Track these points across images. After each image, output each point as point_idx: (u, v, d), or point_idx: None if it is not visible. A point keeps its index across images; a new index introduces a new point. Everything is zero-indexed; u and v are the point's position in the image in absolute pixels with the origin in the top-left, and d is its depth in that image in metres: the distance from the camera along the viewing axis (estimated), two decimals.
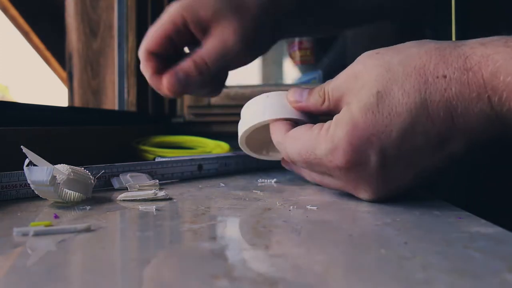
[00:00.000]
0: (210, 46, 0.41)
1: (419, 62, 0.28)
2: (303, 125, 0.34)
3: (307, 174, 0.37)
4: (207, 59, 0.41)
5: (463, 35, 0.59)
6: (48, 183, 0.29)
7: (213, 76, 0.43)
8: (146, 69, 0.43)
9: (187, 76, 0.41)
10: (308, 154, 0.32)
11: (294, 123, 0.36)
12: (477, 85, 0.26)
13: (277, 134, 0.36)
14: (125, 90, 0.79)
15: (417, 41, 0.30)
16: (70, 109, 0.71)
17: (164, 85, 0.41)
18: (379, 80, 0.29)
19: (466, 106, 0.27)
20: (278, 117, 0.36)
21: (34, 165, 0.30)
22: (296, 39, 0.83)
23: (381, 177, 0.30)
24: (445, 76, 0.27)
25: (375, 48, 0.31)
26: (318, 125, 0.33)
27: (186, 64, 0.41)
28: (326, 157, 0.31)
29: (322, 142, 0.31)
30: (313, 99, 0.34)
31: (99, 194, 0.35)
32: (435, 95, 0.27)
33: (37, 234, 0.23)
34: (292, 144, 0.34)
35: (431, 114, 0.27)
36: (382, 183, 0.31)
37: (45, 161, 0.31)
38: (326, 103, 0.33)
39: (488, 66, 0.26)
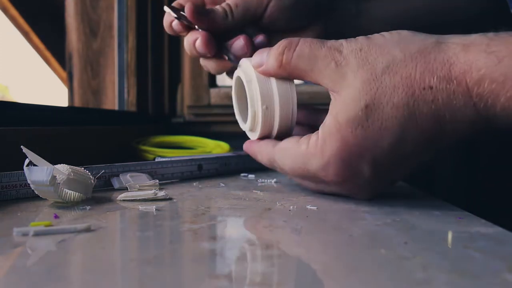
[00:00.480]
0: None
1: (405, 71, 0.28)
2: (289, 138, 0.33)
3: (301, 181, 0.37)
4: (232, 3, 0.39)
5: None
6: (48, 183, 0.29)
7: (243, 24, 0.40)
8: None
9: (213, 10, 0.39)
10: (301, 170, 0.32)
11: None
12: (463, 93, 0.27)
13: (266, 152, 0.35)
14: (125, 90, 0.79)
15: (396, 33, 0.30)
16: (70, 109, 0.71)
17: (186, 9, 0.38)
18: (366, 90, 0.28)
19: (453, 114, 0.27)
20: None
21: (34, 165, 0.30)
22: None
23: (375, 183, 0.31)
24: (431, 88, 0.27)
25: None
26: (304, 138, 0.32)
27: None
28: (320, 172, 0.31)
29: (312, 158, 0.31)
30: (271, 61, 0.33)
31: (99, 194, 0.35)
32: (423, 107, 0.27)
33: (37, 234, 0.23)
34: (283, 160, 0.33)
35: (419, 124, 0.28)
36: (375, 187, 0.32)
37: (45, 161, 0.31)
38: (282, 69, 0.32)
39: (472, 73, 0.26)
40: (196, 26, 0.40)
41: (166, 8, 0.41)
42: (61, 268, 0.19)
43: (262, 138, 0.36)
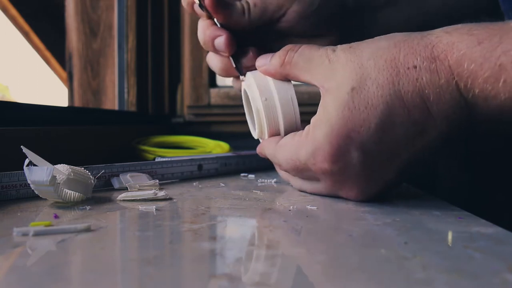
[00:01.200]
0: None
1: (389, 55, 0.29)
2: (289, 134, 0.35)
3: (295, 182, 0.37)
4: (251, 1, 0.38)
5: None
6: (48, 183, 0.29)
7: (259, 25, 0.40)
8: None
9: (232, 5, 0.38)
10: (293, 160, 0.33)
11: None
12: (445, 72, 0.27)
13: (269, 149, 0.36)
14: (125, 90, 0.79)
15: (386, 35, 0.31)
16: (70, 109, 0.71)
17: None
18: (352, 77, 0.29)
19: (438, 94, 0.28)
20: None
21: (34, 165, 0.30)
22: None
23: (365, 174, 0.30)
24: (415, 67, 0.28)
25: None
26: (300, 131, 0.33)
27: None
28: (309, 160, 0.31)
29: (303, 146, 0.31)
30: (274, 61, 0.35)
31: (99, 194, 0.35)
32: (408, 86, 0.28)
33: (37, 234, 0.23)
34: (281, 153, 0.34)
35: (406, 104, 0.28)
36: (366, 179, 0.31)
37: (45, 161, 0.31)
38: (283, 67, 0.34)
39: (453, 53, 0.27)
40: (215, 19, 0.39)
41: None
42: (61, 268, 0.19)
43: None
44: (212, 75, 0.86)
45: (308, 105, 0.44)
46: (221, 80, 0.88)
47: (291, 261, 0.20)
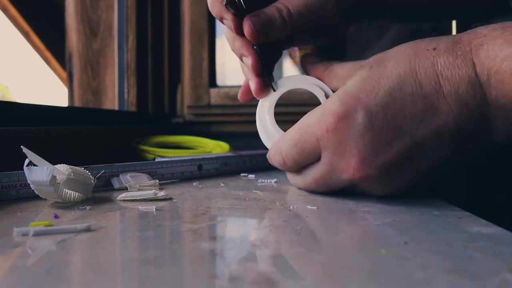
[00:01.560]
0: None
1: (412, 43, 0.31)
2: None
3: (291, 177, 0.37)
4: (291, 6, 0.37)
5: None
6: (48, 183, 0.29)
7: (303, 31, 0.39)
8: (226, 12, 0.37)
9: (270, 21, 0.36)
10: (299, 131, 0.33)
11: None
12: (463, 51, 0.28)
13: (275, 147, 0.36)
14: (125, 90, 0.79)
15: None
16: (70, 109, 0.71)
17: (246, 26, 0.36)
18: (372, 60, 0.32)
19: (452, 70, 0.29)
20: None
21: (34, 165, 0.30)
22: None
23: (368, 137, 0.30)
24: (434, 49, 0.29)
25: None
26: None
27: (269, 9, 0.37)
28: (316, 121, 0.32)
29: (314, 112, 0.33)
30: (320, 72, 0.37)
31: (99, 194, 0.35)
32: (424, 62, 0.29)
33: (37, 234, 0.23)
34: (283, 137, 0.35)
35: (419, 77, 0.29)
36: (368, 145, 0.30)
37: (45, 161, 0.31)
38: (327, 72, 0.36)
39: (478, 39, 0.28)
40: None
41: None
42: (61, 268, 0.19)
43: None
44: (212, 75, 0.86)
45: (308, 105, 0.44)
46: (221, 80, 0.88)
47: (291, 261, 0.20)
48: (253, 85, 0.38)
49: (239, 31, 0.36)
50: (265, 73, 0.38)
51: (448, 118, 0.29)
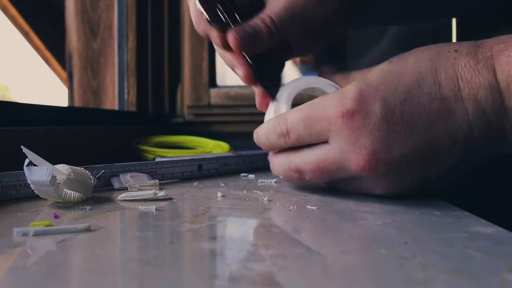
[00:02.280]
0: (274, 1, 0.37)
1: (435, 45, 0.31)
2: None
3: (281, 157, 0.36)
4: (273, 14, 0.37)
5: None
6: (48, 183, 0.29)
7: (289, 35, 0.39)
8: (211, 29, 0.37)
9: (255, 30, 0.36)
10: (312, 108, 0.32)
11: None
12: (484, 56, 0.29)
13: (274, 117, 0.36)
14: (125, 90, 0.79)
15: None
16: (70, 109, 0.71)
17: (230, 39, 0.36)
18: (395, 58, 0.32)
19: (472, 73, 0.29)
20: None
21: (34, 165, 0.30)
22: None
23: (384, 132, 0.29)
24: (456, 51, 0.30)
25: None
26: None
27: (253, 21, 0.37)
28: (333, 104, 0.31)
29: (331, 95, 0.32)
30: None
31: (99, 194, 0.35)
32: (445, 63, 0.29)
33: (37, 234, 0.23)
34: (292, 110, 0.34)
35: (438, 77, 0.29)
36: (382, 136, 0.29)
37: (45, 161, 0.31)
38: (345, 80, 0.37)
39: (499, 45, 0.29)
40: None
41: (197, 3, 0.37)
42: (61, 268, 0.19)
43: None
44: (212, 75, 0.86)
45: None
46: (221, 80, 0.88)
47: (291, 261, 0.20)
48: (256, 97, 0.40)
49: (226, 45, 0.37)
50: (261, 82, 0.38)
51: (463, 122, 0.29)
